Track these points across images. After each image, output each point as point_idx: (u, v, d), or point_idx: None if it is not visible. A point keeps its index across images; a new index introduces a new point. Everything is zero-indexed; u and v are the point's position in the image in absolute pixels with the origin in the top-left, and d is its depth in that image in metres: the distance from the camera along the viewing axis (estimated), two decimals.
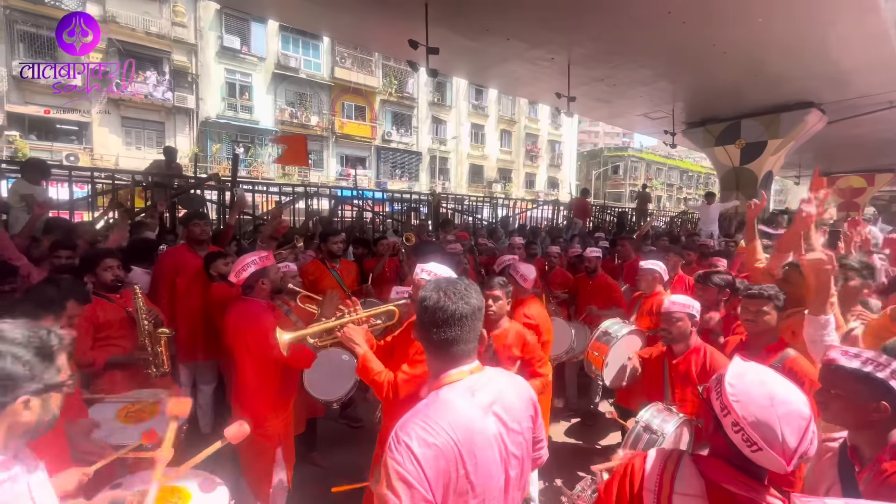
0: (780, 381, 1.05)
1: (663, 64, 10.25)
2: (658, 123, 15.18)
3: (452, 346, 1.17)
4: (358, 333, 1.87)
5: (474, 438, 1.09)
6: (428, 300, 1.18)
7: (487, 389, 1.19)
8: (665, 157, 45.09)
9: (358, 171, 24.30)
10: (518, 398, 1.24)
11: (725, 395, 1.03)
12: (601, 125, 48.88)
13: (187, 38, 20.00)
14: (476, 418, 1.12)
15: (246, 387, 2.25)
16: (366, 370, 1.85)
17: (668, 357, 2.42)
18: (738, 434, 1.00)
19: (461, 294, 1.19)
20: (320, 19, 10.66)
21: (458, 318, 1.16)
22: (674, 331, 2.38)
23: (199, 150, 19.98)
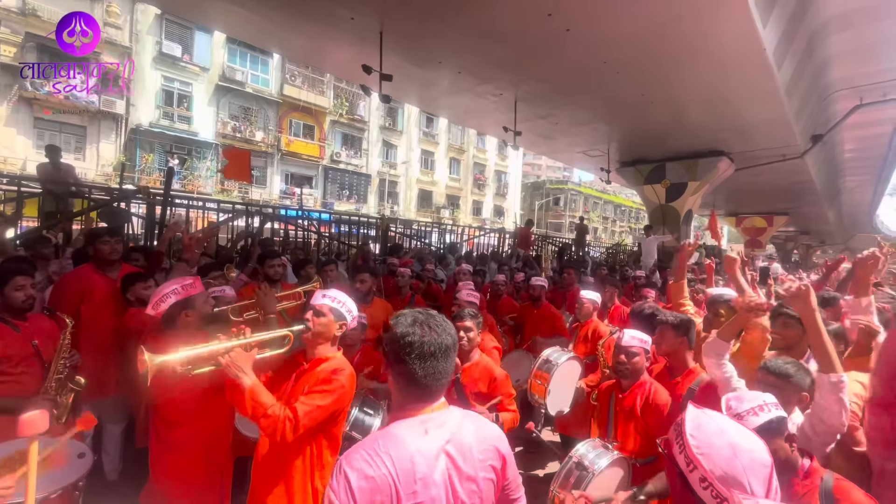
0: (736, 427, 1.05)
1: (600, 108, 11.16)
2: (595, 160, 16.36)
3: (436, 381, 1.16)
4: (245, 360, 1.63)
5: (416, 477, 1.06)
6: (411, 335, 1.14)
7: (444, 429, 1.14)
8: (601, 191, 48.47)
9: (304, 190, 23.60)
10: (479, 443, 1.17)
11: (689, 449, 0.99)
12: (544, 159, 51.73)
13: (120, 40, 18.72)
14: (423, 456, 1.08)
15: (182, 419, 1.98)
16: (256, 404, 1.59)
17: (616, 391, 2.45)
18: (707, 490, 0.96)
19: (442, 327, 1.19)
20: (271, 37, 10.43)
21: (443, 350, 1.16)
22: (630, 367, 2.36)
23: (127, 160, 18.45)
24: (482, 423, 1.23)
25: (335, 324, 1.81)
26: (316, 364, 1.79)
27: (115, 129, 18.91)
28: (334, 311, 1.81)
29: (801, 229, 27.54)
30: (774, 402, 1.45)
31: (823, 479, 1.48)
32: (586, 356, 3.31)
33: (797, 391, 1.75)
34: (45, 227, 4.43)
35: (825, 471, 1.52)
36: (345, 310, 1.83)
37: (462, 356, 2.57)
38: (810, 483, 1.49)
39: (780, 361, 1.83)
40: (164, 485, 1.99)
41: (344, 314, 1.83)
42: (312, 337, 1.79)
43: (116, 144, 18.86)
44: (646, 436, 2.24)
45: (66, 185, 5.71)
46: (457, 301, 3.22)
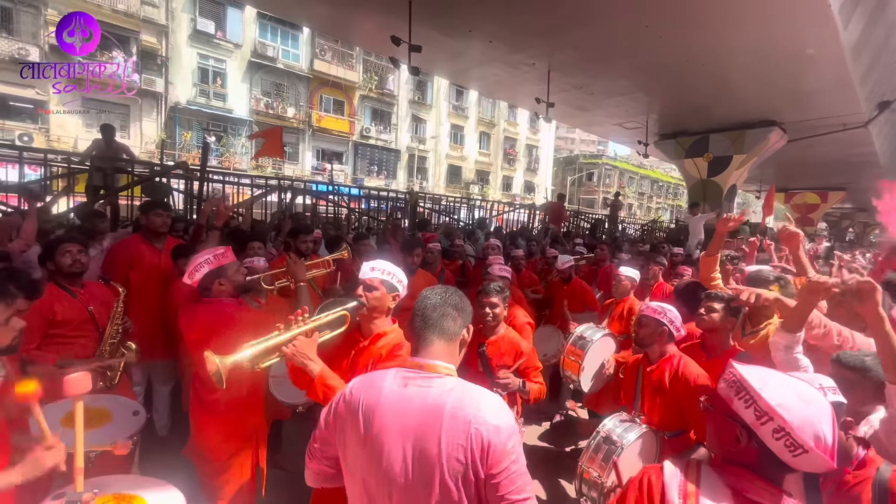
0: (793, 380, 1.07)
1: (640, 76, 10.53)
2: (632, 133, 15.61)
3: (432, 335, 1.28)
4: (309, 347, 1.63)
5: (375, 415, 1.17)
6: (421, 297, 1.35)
7: (421, 393, 1.18)
8: (637, 166, 46.49)
9: (334, 166, 23.84)
10: (452, 420, 1.11)
11: (764, 402, 1.00)
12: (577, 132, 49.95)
13: (157, 19, 19.10)
14: (386, 404, 1.17)
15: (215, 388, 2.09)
16: (327, 389, 1.61)
17: (644, 364, 2.42)
18: (781, 440, 0.98)
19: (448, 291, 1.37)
20: (299, 9, 10.39)
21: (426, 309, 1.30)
22: (641, 333, 2.38)
23: (167, 137, 19.13)
24: (474, 400, 1.15)
25: (388, 296, 1.79)
26: (375, 340, 1.77)
27: (156, 108, 19.57)
28: (385, 283, 1.78)
29: (858, 206, 25.55)
30: (832, 385, 1.39)
31: (880, 469, 1.40)
32: (620, 334, 3.23)
33: (877, 385, 1.58)
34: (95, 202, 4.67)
35: (882, 461, 1.42)
36: (395, 280, 1.80)
37: (487, 330, 2.56)
38: (863, 473, 1.41)
39: (854, 354, 1.67)
40: (203, 443, 2.12)
41: (395, 285, 1.80)
42: (368, 312, 1.77)
43: (157, 122, 19.54)
44: (674, 409, 2.20)
45: (118, 160, 6.02)
46: (488, 275, 3.18)
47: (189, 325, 2.01)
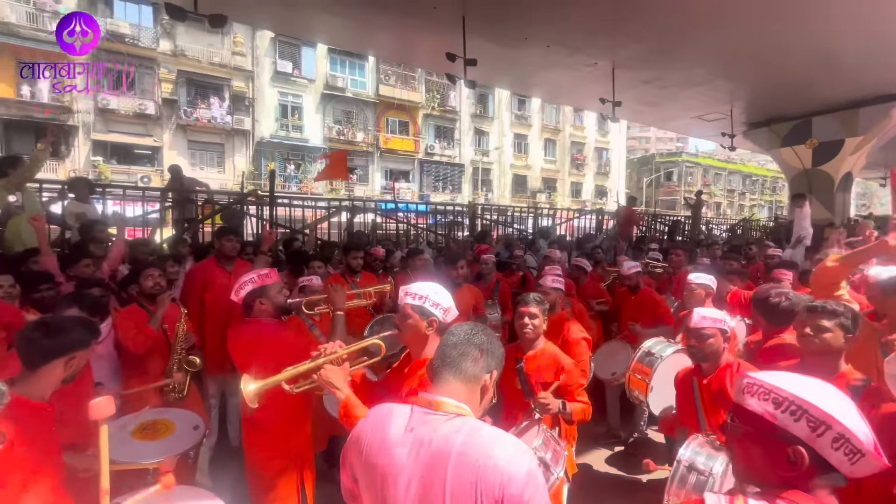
0: (829, 386, 0.97)
1: (719, 62, 9.58)
2: (715, 126, 14.22)
3: (449, 373, 1.19)
4: (337, 376, 1.66)
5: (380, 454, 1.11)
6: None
7: (427, 434, 1.07)
8: (724, 160, 42.25)
9: (402, 184, 24.74)
10: (458, 467, 1.00)
11: (818, 410, 0.90)
12: (652, 130, 46.83)
13: (245, 66, 21.50)
14: (393, 444, 1.10)
15: (264, 404, 2.18)
16: (349, 417, 1.62)
17: (697, 376, 2.15)
18: (840, 449, 0.89)
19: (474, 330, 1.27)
20: (364, 39, 11.04)
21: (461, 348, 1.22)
22: (705, 349, 2.12)
23: (254, 169, 21.25)
24: (485, 444, 1.02)
25: (422, 322, 1.69)
26: (414, 368, 1.72)
27: (245, 143, 21.90)
28: (416, 308, 1.70)
29: None
30: None
31: None
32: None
33: None
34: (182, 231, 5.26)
35: None
36: (429, 304, 1.69)
37: (525, 344, 2.40)
38: None
39: None
40: (252, 459, 2.20)
41: (428, 310, 1.69)
42: (403, 341, 1.75)
43: (246, 156, 21.82)
44: None
45: (190, 192, 6.74)
46: (541, 288, 2.99)
47: (232, 346, 2.12)
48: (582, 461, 3.81)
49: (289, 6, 8.62)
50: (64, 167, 18.02)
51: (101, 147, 19.42)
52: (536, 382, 2.21)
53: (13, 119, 17.89)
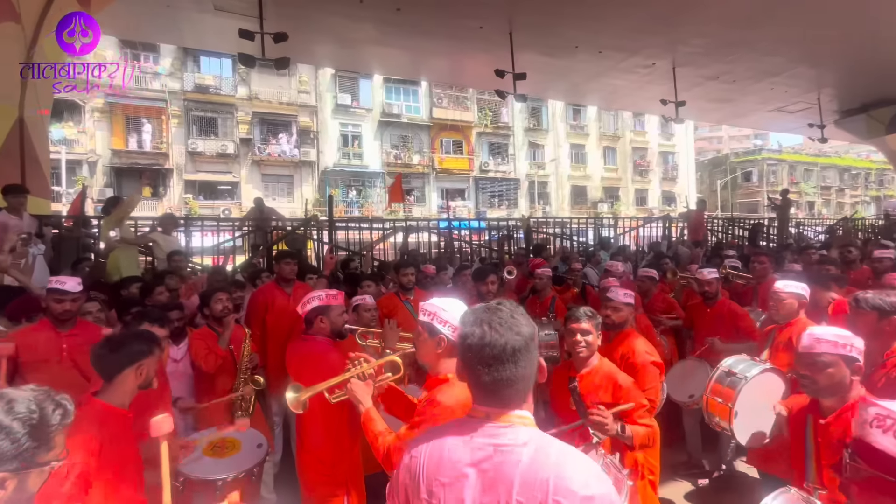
0: None
1: (799, 48, 8.71)
2: (800, 117, 12.89)
3: (505, 388, 1.00)
4: (362, 390, 1.74)
5: (438, 478, 1.00)
6: (470, 336, 1.01)
7: (490, 446, 0.96)
8: (815, 154, 37.88)
9: (457, 202, 25.01)
10: (523, 484, 0.91)
11: None
12: (724, 129, 43.39)
13: (309, 102, 23.26)
14: (452, 461, 1.00)
15: (312, 427, 2.23)
16: (367, 432, 1.69)
17: (814, 414, 1.72)
18: None
19: (508, 325, 1.01)
20: (417, 66, 11.55)
21: (509, 354, 0.99)
22: (820, 380, 1.64)
23: (320, 196, 22.66)
24: (554, 462, 0.93)
25: (430, 341, 1.63)
26: (430, 386, 1.69)
27: (312, 174, 23.48)
28: (426, 325, 1.65)
29: None
30: None
31: None
32: (790, 369, 2.46)
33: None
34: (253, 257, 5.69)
35: None
36: (437, 322, 1.61)
37: (578, 362, 2.20)
38: None
39: None
40: (302, 480, 2.23)
41: (436, 327, 1.61)
42: (418, 358, 1.73)
43: (312, 185, 23.35)
44: (874, 485, 1.48)
45: (269, 221, 7.39)
46: (611, 303, 2.74)
47: (289, 359, 2.21)
48: (661, 495, 3.43)
49: (346, 44, 9.24)
50: (161, 205, 20.42)
51: (191, 185, 21.83)
52: (591, 403, 2.02)
53: (123, 166, 20.75)
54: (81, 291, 2.53)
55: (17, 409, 0.96)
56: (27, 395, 1.00)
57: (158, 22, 8.28)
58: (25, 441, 0.95)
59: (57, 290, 2.43)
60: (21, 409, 0.97)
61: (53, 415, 1.01)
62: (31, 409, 0.98)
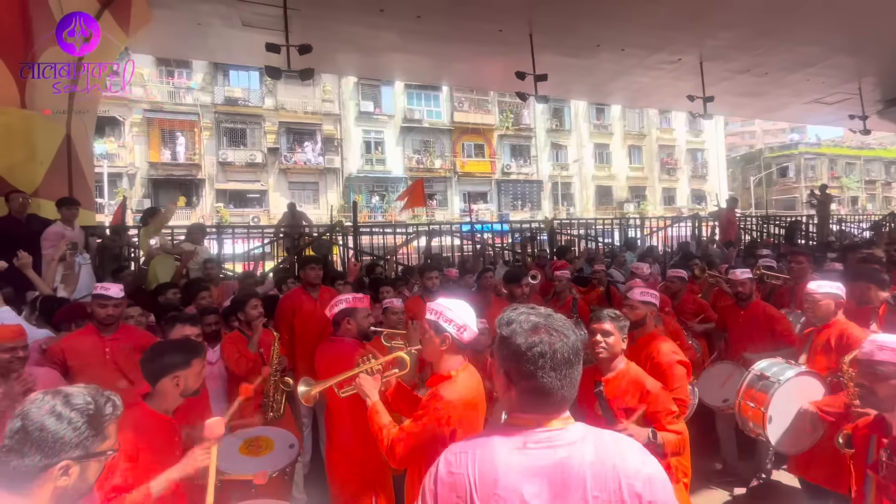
0: None
1: (838, 36, 8.32)
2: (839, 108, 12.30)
3: (572, 390, 0.99)
4: (370, 385, 1.84)
5: (496, 491, 0.94)
6: (539, 344, 0.97)
7: (550, 450, 0.94)
8: (858, 147, 35.91)
9: (479, 205, 24.96)
10: (596, 474, 0.92)
11: None
12: (758, 123, 41.76)
13: (333, 110, 23.77)
14: (511, 472, 0.95)
15: (341, 425, 2.29)
16: (372, 423, 1.79)
17: (878, 432, 1.59)
18: None
19: (565, 324, 1.01)
20: (438, 71, 11.66)
21: (575, 353, 0.99)
22: (880, 390, 1.53)
23: (345, 202, 23.08)
24: (613, 449, 0.96)
25: (436, 338, 1.70)
26: (434, 382, 1.76)
27: (336, 180, 23.95)
28: (431, 324, 1.72)
29: None
30: None
31: None
32: (830, 373, 2.34)
33: None
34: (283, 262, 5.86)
35: None
36: (442, 320, 1.69)
37: (603, 365, 2.16)
38: None
39: None
40: (331, 479, 2.28)
41: (441, 325, 1.69)
42: (424, 355, 1.81)
43: (337, 192, 23.81)
44: None
45: (300, 226, 7.62)
46: (628, 301, 2.70)
47: (318, 360, 2.30)
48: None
49: (368, 52, 9.42)
50: (195, 214, 21.26)
51: (221, 194, 22.65)
52: (618, 408, 1.98)
53: (159, 178, 21.75)
54: (123, 297, 2.67)
55: (75, 402, 1.04)
56: (81, 390, 1.08)
57: (190, 39, 8.68)
58: (85, 429, 1.03)
59: (101, 296, 2.58)
60: (78, 401, 1.04)
61: (106, 406, 1.08)
62: (86, 400, 1.06)
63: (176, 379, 1.77)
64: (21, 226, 4.33)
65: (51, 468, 0.99)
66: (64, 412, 1.01)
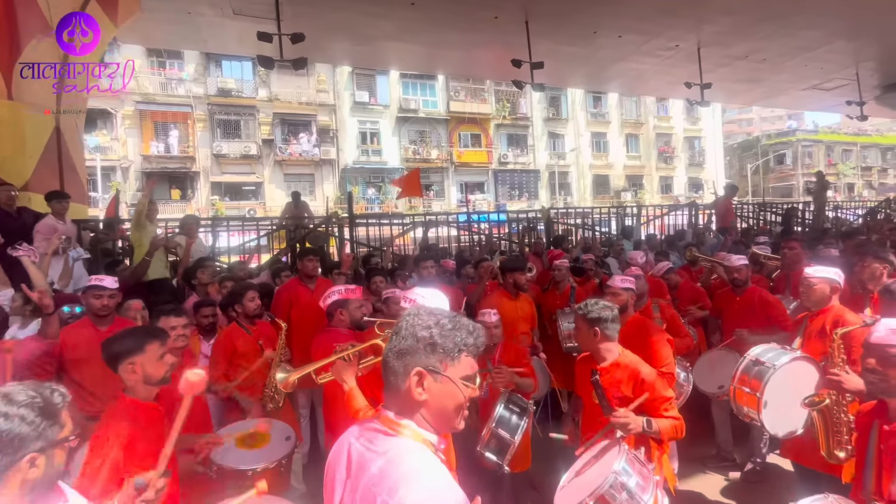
0: None
1: (838, 20, 8.24)
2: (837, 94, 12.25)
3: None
4: (347, 371, 1.88)
5: (332, 470, 1.06)
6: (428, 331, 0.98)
7: (362, 437, 1.02)
8: (855, 134, 35.89)
9: (477, 195, 24.90)
10: (364, 495, 0.90)
11: None
12: (755, 110, 41.61)
13: (328, 101, 23.51)
14: (342, 449, 1.06)
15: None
16: (348, 406, 1.85)
17: (881, 418, 1.57)
18: None
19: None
20: (433, 60, 11.52)
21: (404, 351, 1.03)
22: (893, 376, 1.48)
23: (341, 194, 22.97)
24: (389, 484, 0.87)
25: None
26: None
27: (332, 172, 23.79)
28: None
29: None
30: None
31: None
32: (823, 358, 2.36)
33: None
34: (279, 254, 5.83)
35: None
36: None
37: (597, 356, 2.17)
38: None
39: None
40: None
41: None
42: None
43: (333, 183, 23.67)
44: None
45: (303, 218, 7.59)
46: (609, 289, 2.75)
47: (314, 352, 2.29)
48: (690, 488, 3.37)
49: (362, 41, 9.28)
50: (190, 207, 21.11)
51: (217, 187, 22.48)
52: (613, 397, 1.99)
53: (154, 171, 21.54)
54: (118, 289, 2.66)
55: (18, 398, 1.04)
56: (19, 387, 1.08)
57: (181, 29, 8.52)
58: (40, 422, 1.03)
59: (96, 287, 2.56)
60: (21, 397, 1.04)
61: (53, 396, 1.09)
62: (30, 395, 1.06)
63: (132, 366, 1.73)
64: (12, 219, 4.29)
65: (16, 464, 1.00)
66: (10, 411, 1.01)
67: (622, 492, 1.63)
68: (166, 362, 1.78)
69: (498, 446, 2.25)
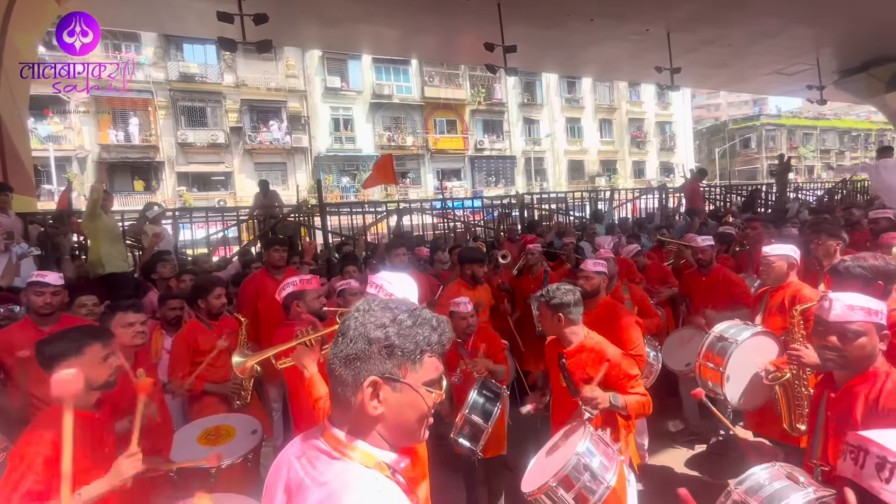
0: None
1: (796, 7, 8.44)
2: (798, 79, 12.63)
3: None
4: (307, 356, 1.79)
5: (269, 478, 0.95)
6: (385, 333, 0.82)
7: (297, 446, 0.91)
8: (814, 118, 37.37)
9: (453, 182, 24.78)
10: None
11: None
12: (722, 95, 42.69)
13: (298, 87, 22.77)
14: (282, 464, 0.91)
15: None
16: (308, 394, 1.76)
17: (828, 387, 1.60)
18: None
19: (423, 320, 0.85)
20: (405, 44, 11.25)
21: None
22: (850, 354, 1.46)
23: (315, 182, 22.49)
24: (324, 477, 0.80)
25: None
26: None
27: (305, 160, 23.18)
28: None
29: None
30: None
31: None
32: (784, 332, 2.44)
33: None
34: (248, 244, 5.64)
35: None
36: (383, 294, 1.64)
37: (563, 340, 2.18)
38: None
39: None
40: None
41: None
42: None
43: (306, 172, 23.08)
44: None
45: (273, 207, 7.33)
46: (582, 273, 2.78)
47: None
48: (659, 463, 3.49)
49: (330, 23, 8.95)
50: (155, 198, 20.22)
51: (184, 178, 21.60)
52: (581, 379, 2.01)
53: (115, 161, 20.48)
54: (63, 286, 2.48)
55: None
56: None
57: (135, 8, 8.00)
58: None
59: (37, 283, 2.39)
60: None
61: None
62: None
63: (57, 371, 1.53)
64: None
65: None
66: None
67: (585, 472, 1.66)
68: (110, 365, 1.63)
69: (472, 432, 2.25)
